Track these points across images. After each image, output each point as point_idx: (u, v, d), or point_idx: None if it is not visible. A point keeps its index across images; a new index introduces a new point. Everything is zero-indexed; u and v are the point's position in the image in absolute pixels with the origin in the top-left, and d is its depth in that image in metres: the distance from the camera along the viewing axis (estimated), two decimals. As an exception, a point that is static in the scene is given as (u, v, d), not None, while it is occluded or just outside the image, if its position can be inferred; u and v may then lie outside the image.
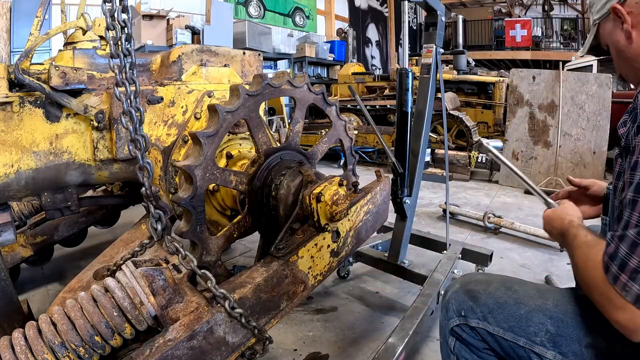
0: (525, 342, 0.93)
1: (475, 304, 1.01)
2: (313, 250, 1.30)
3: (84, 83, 1.47)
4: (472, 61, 8.04)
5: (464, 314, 1.02)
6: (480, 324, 0.99)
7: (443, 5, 2.22)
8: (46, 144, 1.47)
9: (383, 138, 2.13)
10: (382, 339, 1.67)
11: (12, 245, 2.07)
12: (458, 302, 1.04)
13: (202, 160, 1.12)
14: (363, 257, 2.36)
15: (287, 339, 1.87)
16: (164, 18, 6.44)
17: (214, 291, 0.98)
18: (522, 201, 4.31)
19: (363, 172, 5.00)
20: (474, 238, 3.20)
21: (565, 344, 0.90)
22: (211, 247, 1.20)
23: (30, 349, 0.83)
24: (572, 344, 0.89)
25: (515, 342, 0.94)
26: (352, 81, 7.97)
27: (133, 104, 0.94)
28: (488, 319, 0.98)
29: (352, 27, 11.26)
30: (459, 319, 1.02)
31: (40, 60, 2.30)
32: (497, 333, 0.97)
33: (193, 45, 1.84)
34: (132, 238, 1.80)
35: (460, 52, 2.43)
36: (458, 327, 1.02)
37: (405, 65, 2.06)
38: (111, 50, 0.91)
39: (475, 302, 1.01)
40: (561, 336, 0.91)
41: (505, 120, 5.36)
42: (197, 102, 1.69)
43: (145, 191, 0.97)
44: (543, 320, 0.94)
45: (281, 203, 1.34)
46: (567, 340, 0.90)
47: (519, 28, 13.30)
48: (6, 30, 1.68)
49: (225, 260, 1.32)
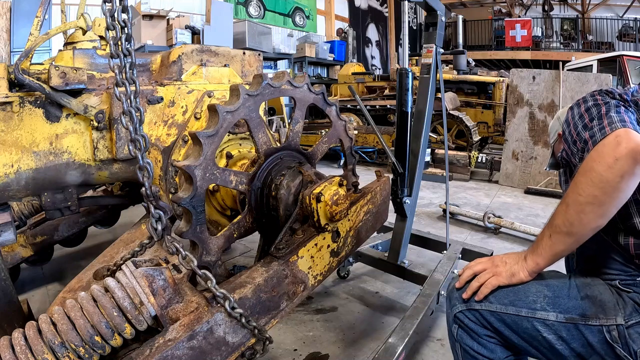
0: (527, 312, 0.98)
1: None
2: (313, 250, 1.30)
3: (84, 83, 1.47)
4: (472, 61, 8.05)
5: (467, 297, 1.06)
6: (483, 306, 1.03)
7: (443, 5, 2.22)
8: (46, 144, 1.47)
9: (383, 138, 2.13)
10: (382, 339, 1.67)
11: (12, 245, 2.07)
12: (461, 290, 1.09)
13: (202, 160, 1.12)
14: (363, 257, 2.36)
15: (287, 339, 1.87)
16: (164, 18, 6.45)
17: (214, 291, 0.98)
18: (522, 201, 4.31)
19: (363, 172, 5.00)
20: (474, 238, 3.20)
21: (564, 303, 0.97)
22: (211, 247, 1.20)
23: (30, 349, 0.83)
24: (569, 301, 0.97)
25: (518, 314, 0.99)
26: (352, 81, 7.97)
27: (133, 104, 0.94)
28: (489, 299, 1.03)
29: (352, 27, 11.26)
30: (463, 305, 1.07)
31: (40, 60, 2.30)
32: (499, 310, 1.01)
33: (193, 45, 1.84)
34: (132, 238, 1.80)
35: (460, 52, 2.42)
36: (461, 314, 1.06)
37: (405, 65, 2.06)
38: (111, 50, 0.91)
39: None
40: (558, 297, 0.98)
41: (505, 120, 5.36)
42: (197, 102, 1.69)
43: (145, 191, 0.97)
44: (539, 289, 1.01)
45: (281, 203, 1.34)
46: (564, 299, 0.97)
47: (519, 28, 13.30)
48: (6, 30, 1.68)
49: (225, 260, 1.32)
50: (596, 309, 0.93)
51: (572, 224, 0.91)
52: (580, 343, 0.93)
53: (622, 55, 7.40)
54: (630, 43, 12.67)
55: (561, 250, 0.96)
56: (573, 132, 1.00)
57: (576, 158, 0.99)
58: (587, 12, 13.69)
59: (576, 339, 0.94)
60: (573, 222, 0.90)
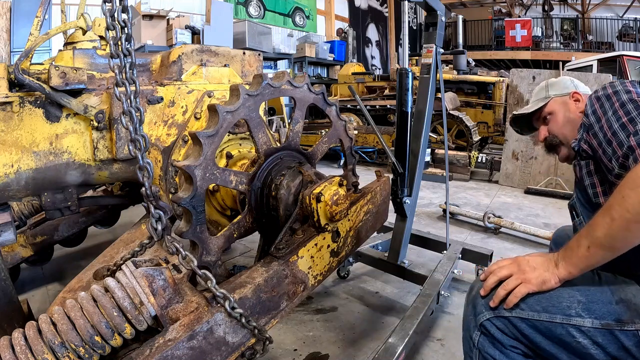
0: (562, 318, 0.94)
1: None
2: (313, 250, 1.30)
3: (84, 83, 1.47)
4: (472, 61, 8.04)
5: (495, 306, 1.01)
6: (512, 312, 0.98)
7: (443, 5, 2.22)
8: (46, 144, 1.47)
9: (383, 138, 2.13)
10: (382, 339, 1.67)
11: (12, 245, 2.07)
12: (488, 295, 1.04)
13: (202, 160, 1.12)
14: (363, 257, 2.36)
15: (287, 339, 1.87)
16: (164, 18, 6.45)
17: (214, 291, 0.98)
18: (522, 201, 4.31)
19: (363, 172, 5.00)
20: (474, 238, 3.20)
21: (598, 308, 0.93)
22: (211, 247, 1.20)
23: (30, 349, 0.83)
24: (604, 306, 0.93)
25: (552, 321, 0.95)
26: (352, 81, 7.97)
27: (133, 104, 0.94)
28: (520, 306, 0.98)
29: (352, 27, 11.26)
30: (490, 312, 1.01)
31: (40, 60, 2.30)
32: (531, 317, 0.97)
33: (193, 45, 1.84)
34: (132, 238, 1.80)
35: (460, 52, 2.42)
36: (488, 322, 1.01)
37: (405, 65, 2.06)
38: (111, 50, 0.91)
39: None
40: (592, 302, 0.94)
41: (505, 120, 5.37)
42: (197, 102, 1.69)
43: (145, 191, 0.97)
44: (572, 294, 0.96)
45: (281, 203, 1.34)
46: (598, 305, 0.93)
47: (519, 28, 13.30)
48: (6, 30, 1.68)
49: (225, 260, 1.32)
50: (631, 313, 0.91)
51: (615, 239, 0.86)
52: (615, 347, 0.91)
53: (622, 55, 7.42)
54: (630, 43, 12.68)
55: (598, 262, 0.92)
56: (607, 129, 0.96)
57: (612, 161, 0.94)
58: (587, 12, 13.70)
59: (612, 344, 0.92)
60: (617, 238, 0.85)
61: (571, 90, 1.40)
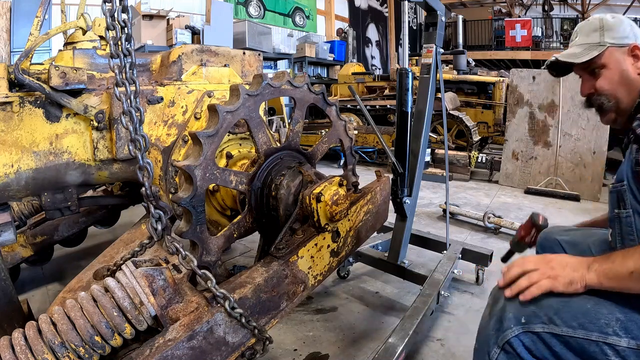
0: (598, 336, 0.88)
1: (538, 307, 0.93)
2: (313, 250, 1.30)
3: (84, 83, 1.47)
4: (472, 61, 8.04)
5: (525, 320, 0.93)
6: (545, 328, 0.91)
7: (443, 5, 2.22)
8: (46, 144, 1.47)
9: (383, 138, 2.13)
10: (382, 339, 1.67)
11: (12, 245, 2.07)
12: (516, 309, 0.95)
13: (202, 160, 1.12)
14: (363, 257, 2.36)
15: (287, 339, 1.87)
16: (164, 18, 6.44)
17: (214, 291, 0.98)
18: (522, 201, 4.31)
19: (363, 172, 5.00)
20: (474, 238, 3.20)
21: (636, 328, 0.87)
22: (211, 247, 1.20)
23: (30, 349, 0.83)
24: None
25: (587, 338, 0.89)
26: (352, 81, 7.97)
27: (133, 104, 0.94)
28: (555, 321, 0.91)
29: (352, 27, 11.25)
30: (519, 327, 0.92)
31: (40, 60, 2.30)
32: (566, 333, 0.90)
33: (193, 45, 1.84)
34: (132, 238, 1.80)
35: (460, 52, 2.42)
36: (516, 339, 0.92)
37: (405, 65, 2.06)
38: (111, 50, 0.91)
39: (537, 305, 0.94)
40: (631, 321, 0.88)
41: (505, 120, 5.36)
42: (197, 102, 1.69)
43: (145, 191, 0.97)
44: (611, 310, 0.90)
45: (281, 203, 1.34)
46: (637, 324, 0.88)
47: (519, 28, 13.29)
48: (6, 30, 1.68)
49: (225, 260, 1.32)
50: None
51: None
52: None
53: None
54: (630, 43, 12.66)
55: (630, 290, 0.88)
56: None
57: None
58: (587, 12, 13.70)
59: None
60: None
61: (632, 41, 1.11)
